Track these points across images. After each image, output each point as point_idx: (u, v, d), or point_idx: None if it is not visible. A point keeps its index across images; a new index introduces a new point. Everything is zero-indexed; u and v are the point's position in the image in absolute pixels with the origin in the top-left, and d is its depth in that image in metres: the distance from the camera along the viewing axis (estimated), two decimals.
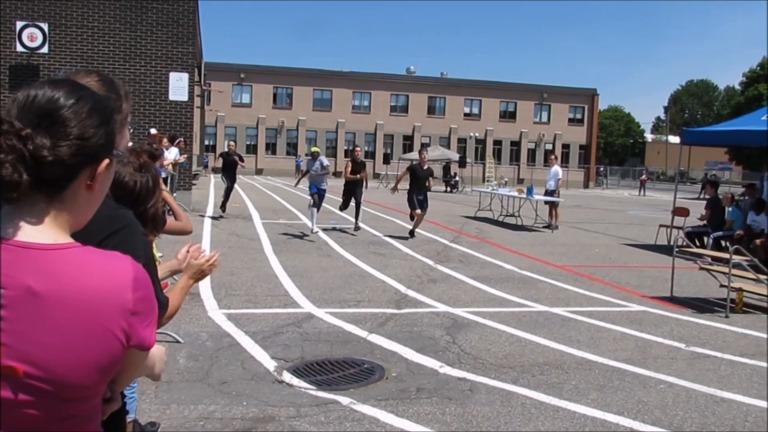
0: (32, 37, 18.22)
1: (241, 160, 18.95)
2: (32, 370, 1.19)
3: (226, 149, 19.31)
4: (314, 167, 15.82)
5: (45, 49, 18.33)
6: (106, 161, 1.32)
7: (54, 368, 1.21)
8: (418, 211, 15.70)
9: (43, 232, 1.26)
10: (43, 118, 1.24)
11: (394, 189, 17.31)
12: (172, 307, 2.72)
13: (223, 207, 18.75)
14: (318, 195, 15.75)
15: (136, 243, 2.03)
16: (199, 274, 2.89)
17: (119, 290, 1.27)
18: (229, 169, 18.67)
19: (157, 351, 1.89)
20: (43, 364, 1.20)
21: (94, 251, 1.30)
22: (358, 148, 17.37)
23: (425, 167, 16.04)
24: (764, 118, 14.99)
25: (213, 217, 18.35)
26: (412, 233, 16.15)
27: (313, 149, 16.39)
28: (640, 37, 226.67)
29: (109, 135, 1.33)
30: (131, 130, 1.49)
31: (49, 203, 1.28)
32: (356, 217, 16.82)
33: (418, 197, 15.74)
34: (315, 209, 15.71)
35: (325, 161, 16.09)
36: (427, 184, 16.00)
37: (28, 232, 1.25)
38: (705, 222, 15.95)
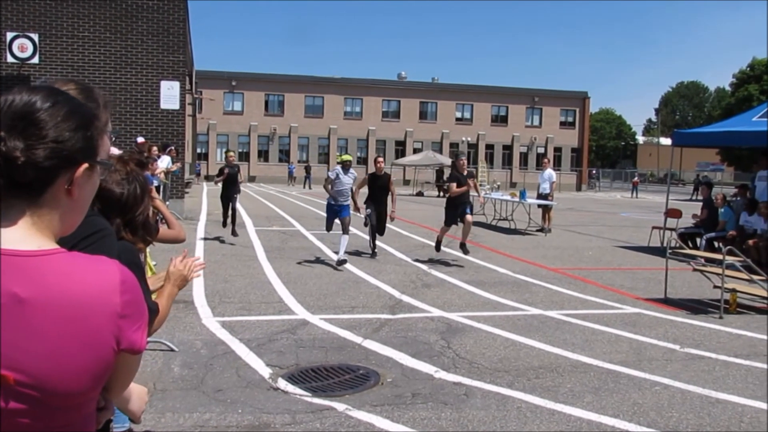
0: (22, 47, 18.18)
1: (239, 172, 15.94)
2: (23, 378, 1.18)
3: (225, 161, 15.97)
4: (343, 181, 13.01)
5: (35, 60, 18.29)
6: (85, 166, 1.31)
7: (44, 376, 1.20)
8: (448, 228, 13.56)
9: (27, 239, 1.26)
10: (18, 121, 1.25)
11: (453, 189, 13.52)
12: (161, 316, 2.71)
13: (233, 231, 15.64)
14: (348, 218, 13.01)
15: (109, 248, 2.01)
16: (183, 281, 2.89)
17: (106, 294, 1.27)
18: (228, 183, 15.53)
19: (136, 389, 1.87)
20: (34, 372, 1.19)
21: (80, 256, 1.29)
22: (380, 159, 14.28)
23: (465, 173, 13.37)
24: (755, 119, 15.04)
25: (218, 240, 16.18)
26: (463, 246, 13.59)
27: (345, 157, 13.43)
28: (630, 39, 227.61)
29: (87, 140, 1.32)
30: (113, 139, 1.48)
31: (28, 208, 1.27)
32: (373, 239, 14.05)
33: (459, 209, 13.25)
34: (347, 236, 12.76)
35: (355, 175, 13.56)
36: (473, 189, 13.66)
37: (12, 240, 1.24)
38: (696, 222, 16.03)
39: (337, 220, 13.32)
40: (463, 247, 13.55)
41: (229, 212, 15.78)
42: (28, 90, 1.30)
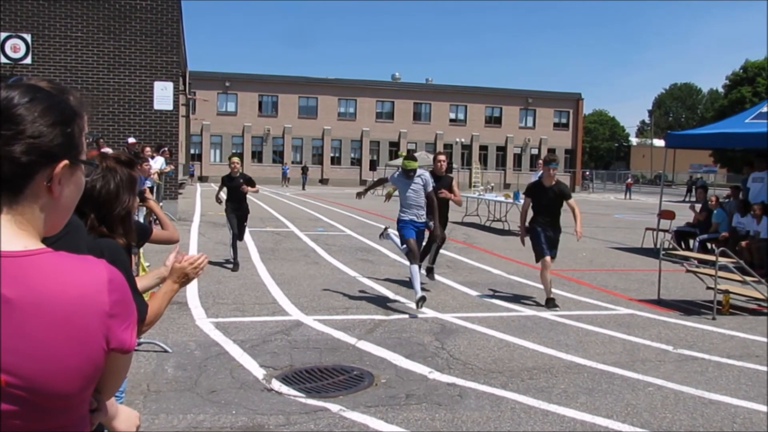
0: (15, 48, 18.14)
1: (251, 184, 12.22)
2: (13, 380, 1.18)
3: (229, 169, 12.20)
4: (412, 187, 9.50)
5: (28, 60, 18.25)
6: (65, 162, 1.30)
7: (35, 377, 1.19)
8: (548, 258, 9.63)
9: (11, 239, 1.25)
10: None
11: (523, 234, 10.05)
12: (154, 313, 2.69)
13: (235, 265, 11.76)
14: (417, 238, 9.46)
15: (79, 243, 2.00)
16: (184, 278, 2.84)
17: (94, 293, 1.26)
18: (235, 199, 12.12)
19: (125, 411, 1.84)
20: (24, 374, 1.18)
21: (67, 256, 1.29)
22: (442, 157, 11.09)
23: (552, 184, 9.83)
24: (748, 120, 15.08)
25: (225, 263, 11.90)
26: (550, 302, 9.61)
27: (410, 164, 9.52)
28: (623, 41, 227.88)
29: (67, 136, 1.31)
30: (89, 140, 1.45)
31: (8, 206, 1.27)
32: (432, 258, 11.13)
33: (546, 233, 9.75)
34: (415, 266, 9.20)
35: (430, 181, 9.68)
36: (574, 214, 9.99)
37: None
38: (691, 222, 16.11)
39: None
40: (549, 303, 9.66)
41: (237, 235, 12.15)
42: (6, 86, 1.29)
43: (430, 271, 11.08)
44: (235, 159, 12.35)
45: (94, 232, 2.60)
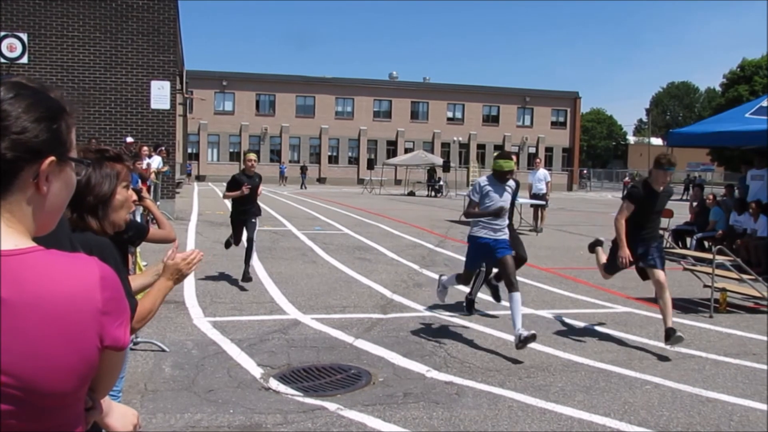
0: (11, 47, 18.11)
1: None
2: (8, 379, 1.17)
3: (243, 168, 10.71)
4: (493, 198, 7.56)
5: (24, 60, 18.23)
6: (51, 159, 1.30)
7: (30, 376, 1.19)
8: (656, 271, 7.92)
9: (2, 237, 1.25)
10: None
11: (629, 254, 7.95)
12: (148, 310, 2.68)
13: (246, 275, 10.33)
14: (510, 258, 7.61)
15: (61, 237, 2.01)
16: (177, 275, 2.84)
17: (87, 291, 1.26)
18: (248, 201, 10.36)
19: (120, 408, 1.83)
20: (18, 374, 1.18)
21: (58, 254, 1.28)
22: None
23: (662, 189, 7.67)
24: (748, 115, 15.02)
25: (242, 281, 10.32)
26: (669, 336, 7.26)
27: (507, 165, 7.59)
28: (621, 40, 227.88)
29: (53, 132, 1.31)
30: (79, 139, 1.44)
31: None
32: (491, 289, 9.17)
33: (644, 248, 7.93)
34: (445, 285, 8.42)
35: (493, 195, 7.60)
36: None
37: None
38: (688, 220, 16.12)
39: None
40: (669, 338, 7.26)
41: (242, 240, 10.77)
42: None
43: (471, 305, 8.94)
44: (252, 156, 10.76)
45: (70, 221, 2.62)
